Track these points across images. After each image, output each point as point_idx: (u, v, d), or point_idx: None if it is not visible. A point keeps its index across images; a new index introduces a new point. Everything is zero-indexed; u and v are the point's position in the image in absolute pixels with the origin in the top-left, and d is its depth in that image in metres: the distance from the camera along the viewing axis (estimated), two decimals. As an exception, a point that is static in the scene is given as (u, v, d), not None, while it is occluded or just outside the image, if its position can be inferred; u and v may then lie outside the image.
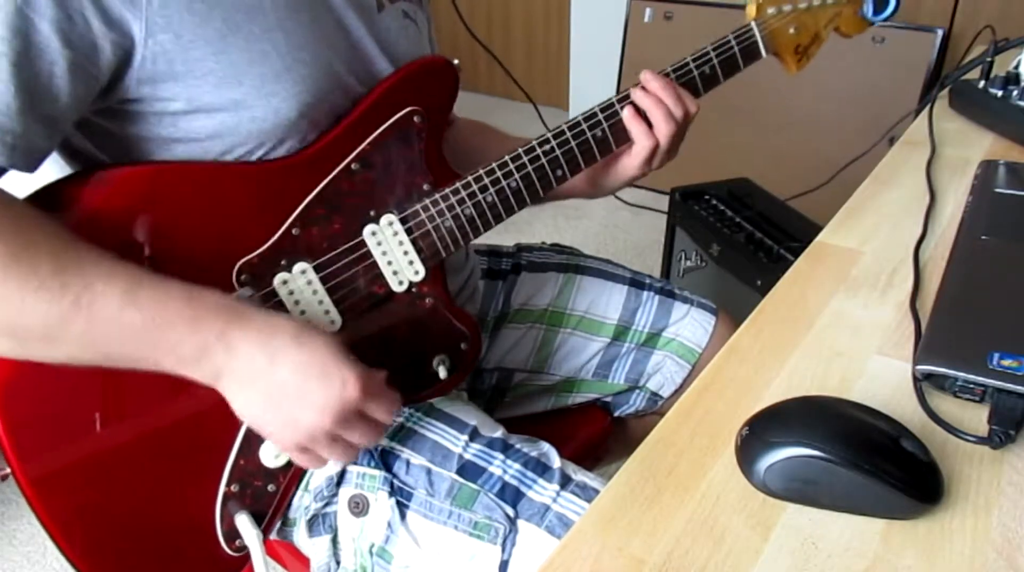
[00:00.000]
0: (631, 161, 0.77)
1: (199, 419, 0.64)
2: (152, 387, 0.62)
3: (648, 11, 2.50)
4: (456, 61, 0.71)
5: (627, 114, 0.74)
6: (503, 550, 0.66)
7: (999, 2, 2.02)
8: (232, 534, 0.66)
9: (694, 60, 0.77)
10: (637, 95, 0.74)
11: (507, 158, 0.71)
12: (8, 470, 0.59)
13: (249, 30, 0.60)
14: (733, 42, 0.78)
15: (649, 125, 0.74)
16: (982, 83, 1.07)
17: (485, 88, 3.50)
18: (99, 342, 0.54)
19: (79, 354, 0.55)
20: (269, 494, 0.67)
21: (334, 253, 0.66)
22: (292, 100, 0.62)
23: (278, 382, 0.56)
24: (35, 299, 0.52)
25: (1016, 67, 1.03)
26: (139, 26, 0.56)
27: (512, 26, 3.31)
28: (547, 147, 0.72)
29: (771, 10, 0.80)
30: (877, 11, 0.84)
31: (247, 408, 0.57)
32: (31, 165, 0.58)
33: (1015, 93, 1.01)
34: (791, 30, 0.81)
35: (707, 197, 1.66)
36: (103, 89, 0.58)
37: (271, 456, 0.66)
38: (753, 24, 0.79)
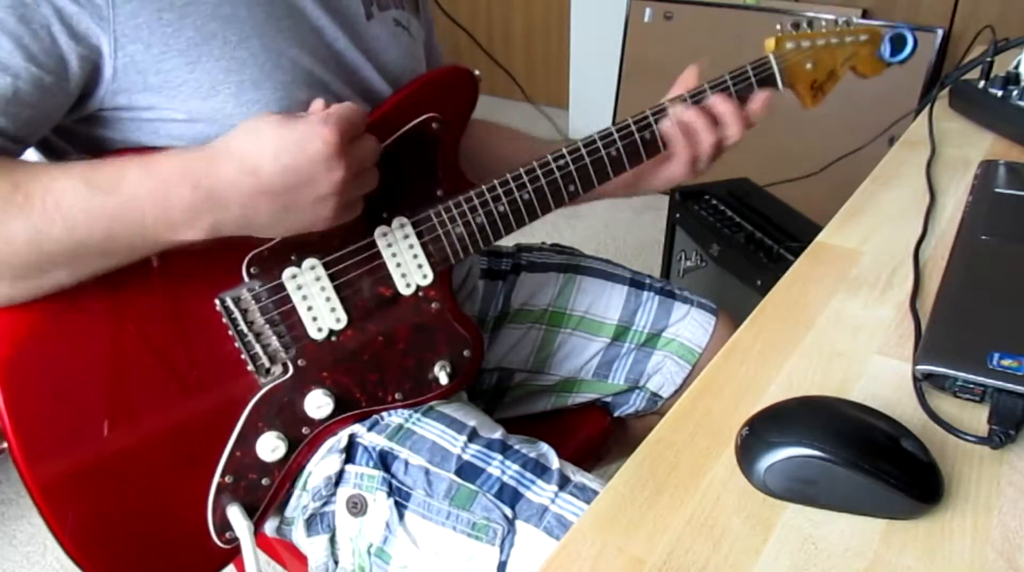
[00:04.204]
0: (675, 167, 0.78)
1: (198, 409, 0.64)
2: (153, 376, 0.62)
3: (648, 11, 2.50)
4: (477, 72, 0.71)
5: (667, 124, 0.75)
6: (501, 551, 0.66)
7: (999, 2, 2.02)
8: (223, 526, 0.66)
9: (711, 86, 0.77)
10: (679, 109, 0.75)
11: (521, 171, 0.71)
12: (4, 445, 0.59)
13: (224, 38, 0.60)
14: (751, 72, 0.79)
15: (690, 136, 0.76)
16: (982, 83, 1.07)
17: (487, 89, 3.50)
18: (85, 241, 0.54)
19: (76, 263, 0.55)
20: (263, 487, 0.67)
21: (344, 251, 0.66)
22: (273, 107, 0.62)
23: (276, 186, 0.55)
24: (7, 216, 0.52)
25: (1016, 67, 1.03)
26: (107, 39, 0.56)
27: (512, 26, 3.31)
28: (561, 162, 0.72)
29: (790, 45, 0.81)
30: (895, 53, 0.85)
31: (273, 224, 0.58)
32: None
33: (1015, 93, 1.01)
34: (808, 66, 0.82)
35: (707, 197, 1.66)
36: (76, 100, 0.58)
37: (268, 449, 0.66)
38: (771, 57, 0.80)
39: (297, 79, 0.63)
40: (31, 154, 0.62)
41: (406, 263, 0.69)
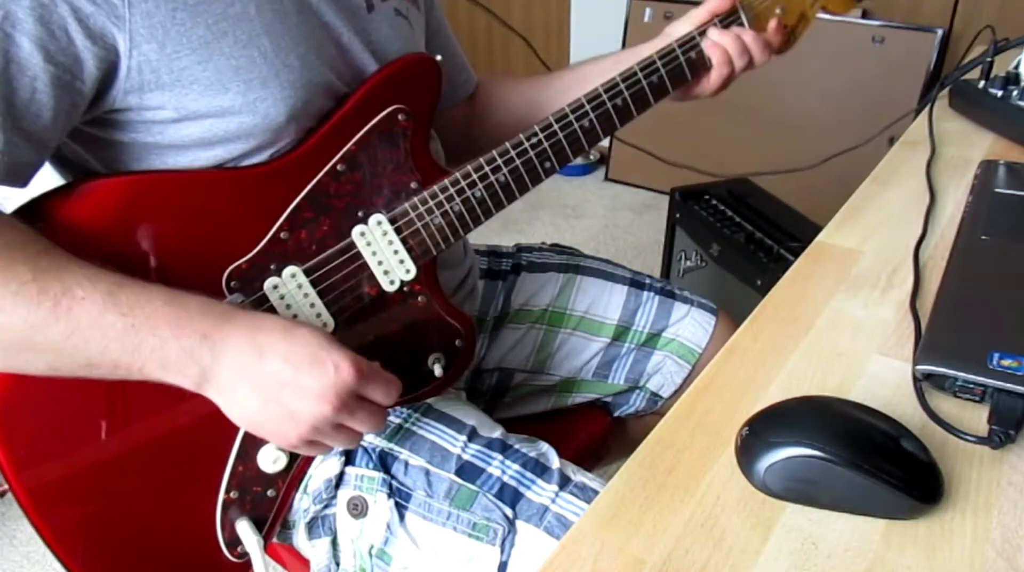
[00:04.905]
0: (710, 84, 0.80)
1: (196, 427, 0.63)
2: (149, 397, 0.61)
3: (648, 11, 2.50)
4: (439, 57, 0.70)
5: (707, 43, 0.77)
6: (502, 551, 0.66)
7: (999, 2, 2.02)
8: (234, 541, 0.66)
9: (680, 46, 0.77)
10: (715, 32, 0.78)
11: (495, 153, 0.70)
12: (6, 486, 0.59)
13: (235, 37, 0.60)
14: (718, 25, 0.78)
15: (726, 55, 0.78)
16: (982, 83, 1.07)
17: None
18: (80, 348, 0.53)
19: (60, 362, 0.54)
20: (269, 499, 0.67)
21: (324, 256, 0.66)
22: (280, 105, 0.62)
23: (270, 374, 0.55)
24: (13, 304, 0.52)
25: (1016, 67, 1.03)
26: (123, 38, 0.56)
27: (512, 26, 3.30)
28: (535, 140, 0.71)
29: None
30: None
31: (242, 409, 0.56)
32: (21, 180, 0.58)
33: (1015, 93, 1.01)
34: (777, 11, 0.81)
35: (707, 197, 1.66)
36: (90, 100, 0.58)
37: (269, 461, 0.65)
38: (739, 7, 0.79)
39: (303, 77, 0.63)
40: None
41: (388, 260, 0.68)
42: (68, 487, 0.60)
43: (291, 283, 0.65)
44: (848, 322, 0.67)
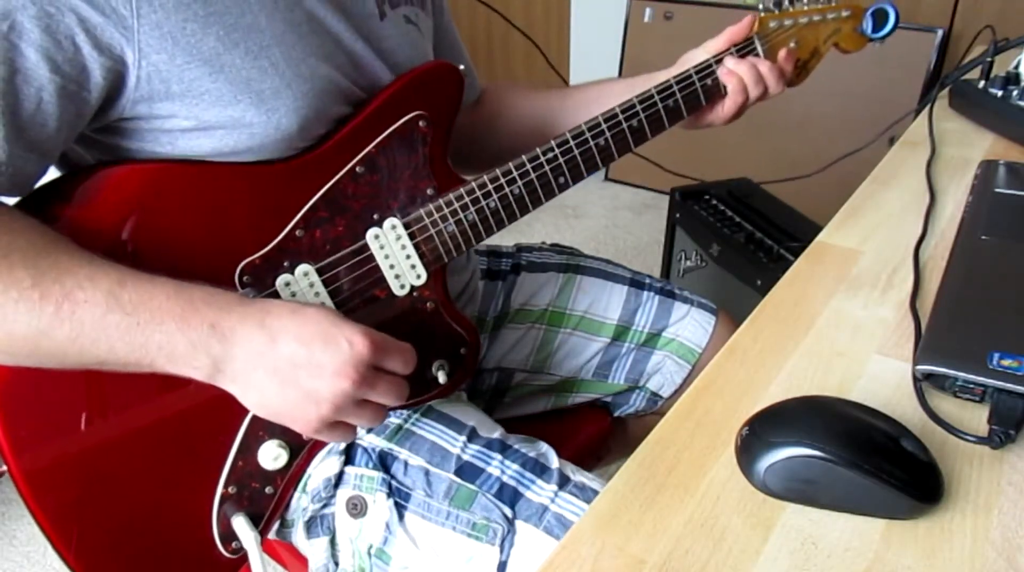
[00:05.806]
0: (724, 112, 0.81)
1: (200, 419, 0.63)
2: (153, 386, 0.61)
3: (648, 11, 2.50)
4: (462, 67, 0.71)
5: (723, 71, 0.79)
6: (501, 551, 0.66)
7: (999, 2, 2.02)
8: (228, 536, 0.66)
9: (697, 72, 0.78)
10: (731, 61, 0.79)
11: (511, 165, 0.71)
12: (5, 468, 0.59)
13: (246, 48, 0.59)
14: (735, 54, 0.79)
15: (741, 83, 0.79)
16: (982, 83, 1.07)
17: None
18: (87, 349, 0.53)
19: (70, 362, 0.54)
20: (267, 496, 0.67)
21: (337, 256, 0.66)
22: (293, 115, 0.62)
23: (284, 357, 0.54)
24: (15, 311, 0.51)
25: (1016, 67, 1.03)
26: (131, 49, 0.56)
27: (514, 23, 3.30)
28: (551, 155, 0.72)
29: (772, 24, 0.81)
30: (876, 28, 0.85)
31: (259, 396, 0.56)
32: (23, 190, 0.58)
33: (1015, 93, 1.01)
34: (791, 44, 0.82)
35: (707, 197, 1.66)
36: (97, 110, 0.58)
37: (270, 458, 0.65)
38: (755, 38, 0.80)
39: (316, 87, 0.63)
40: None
41: (399, 264, 0.69)
42: (67, 472, 0.60)
43: (303, 281, 0.65)
44: (848, 322, 0.67)
